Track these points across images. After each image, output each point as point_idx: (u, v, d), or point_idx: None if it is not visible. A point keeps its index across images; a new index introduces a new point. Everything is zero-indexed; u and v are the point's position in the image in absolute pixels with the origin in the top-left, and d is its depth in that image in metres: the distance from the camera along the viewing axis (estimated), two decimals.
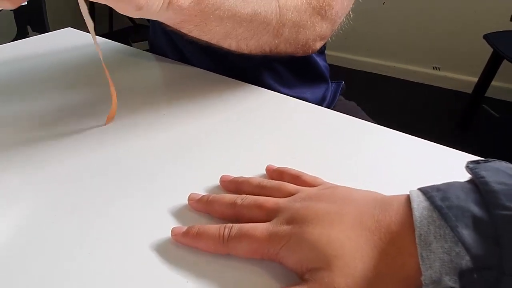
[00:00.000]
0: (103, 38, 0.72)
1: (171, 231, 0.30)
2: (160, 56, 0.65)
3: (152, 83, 0.57)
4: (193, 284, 0.27)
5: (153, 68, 0.62)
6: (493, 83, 1.72)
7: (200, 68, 0.59)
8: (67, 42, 0.72)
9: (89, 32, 0.40)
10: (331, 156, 0.39)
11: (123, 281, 0.27)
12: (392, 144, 0.41)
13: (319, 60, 0.66)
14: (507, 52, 1.50)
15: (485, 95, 1.75)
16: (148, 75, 0.59)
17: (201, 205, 0.32)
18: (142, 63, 0.63)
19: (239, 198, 0.31)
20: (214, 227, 0.29)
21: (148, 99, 0.51)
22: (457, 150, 0.39)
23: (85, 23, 0.39)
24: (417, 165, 0.38)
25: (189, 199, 0.33)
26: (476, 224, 0.22)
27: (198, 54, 0.61)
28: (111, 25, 2.83)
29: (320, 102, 0.67)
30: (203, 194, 0.33)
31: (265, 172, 0.37)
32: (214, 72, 0.57)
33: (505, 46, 1.54)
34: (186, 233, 0.29)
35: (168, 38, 0.64)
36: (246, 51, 0.49)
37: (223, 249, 0.28)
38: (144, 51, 0.68)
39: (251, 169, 0.37)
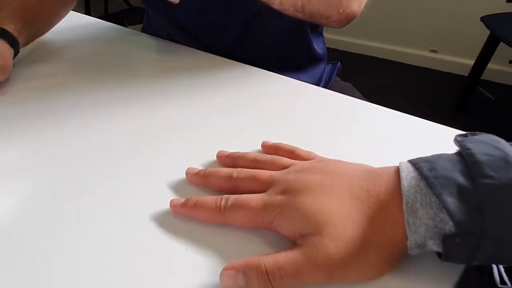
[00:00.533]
0: (99, 20, 0.72)
1: (170, 203, 0.31)
2: (156, 37, 0.65)
3: (149, 63, 0.57)
4: (192, 251, 0.28)
5: (149, 49, 0.62)
6: (489, 65, 1.72)
7: None
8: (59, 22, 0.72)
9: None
10: (326, 134, 0.40)
11: (125, 249, 0.28)
12: (387, 122, 0.42)
13: (318, 42, 0.67)
14: (504, 34, 1.50)
15: (481, 77, 1.75)
16: (145, 55, 0.60)
17: (198, 179, 0.33)
18: (138, 43, 0.63)
19: (235, 172, 0.32)
20: (211, 198, 0.30)
21: (145, 78, 0.52)
22: (450, 128, 0.40)
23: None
24: (411, 142, 0.39)
25: (186, 173, 0.34)
26: (460, 192, 0.23)
27: (191, 44, 0.61)
28: (107, 8, 2.79)
29: (316, 84, 0.68)
30: (200, 168, 0.34)
31: (260, 148, 0.38)
32: None
33: (502, 29, 1.54)
34: (184, 204, 0.30)
35: (162, 25, 0.64)
36: None
37: (220, 218, 0.29)
38: (140, 32, 0.68)
39: (247, 145, 0.38)
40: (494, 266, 0.28)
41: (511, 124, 1.73)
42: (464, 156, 0.25)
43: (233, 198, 0.29)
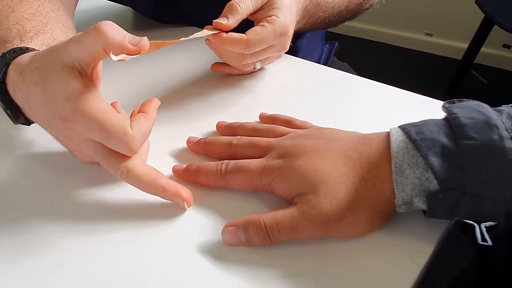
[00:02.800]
0: None
1: (172, 169, 0.33)
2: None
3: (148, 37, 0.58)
4: (194, 212, 0.30)
5: (144, 27, 0.63)
6: (483, 49, 1.73)
7: None
8: None
9: None
10: (323, 107, 0.42)
11: (131, 212, 0.30)
12: (382, 96, 0.44)
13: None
14: (498, 18, 1.51)
15: (475, 61, 1.77)
16: (140, 34, 0.60)
17: (199, 147, 0.35)
18: (132, 21, 0.64)
19: (235, 139, 0.33)
20: (212, 164, 0.31)
21: (143, 56, 0.53)
22: (442, 101, 0.42)
23: None
24: (405, 115, 0.40)
25: (187, 142, 0.36)
26: (444, 152, 0.25)
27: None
28: None
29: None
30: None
31: (258, 120, 0.39)
32: None
33: (496, 12, 1.55)
34: (186, 169, 0.32)
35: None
36: None
37: (221, 182, 0.31)
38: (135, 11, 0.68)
39: (246, 118, 0.39)
40: (476, 225, 0.30)
41: None
42: (449, 120, 0.27)
43: (233, 162, 0.31)
